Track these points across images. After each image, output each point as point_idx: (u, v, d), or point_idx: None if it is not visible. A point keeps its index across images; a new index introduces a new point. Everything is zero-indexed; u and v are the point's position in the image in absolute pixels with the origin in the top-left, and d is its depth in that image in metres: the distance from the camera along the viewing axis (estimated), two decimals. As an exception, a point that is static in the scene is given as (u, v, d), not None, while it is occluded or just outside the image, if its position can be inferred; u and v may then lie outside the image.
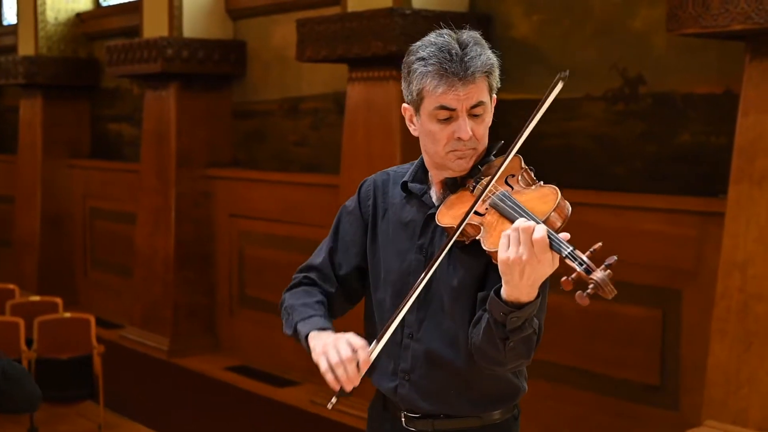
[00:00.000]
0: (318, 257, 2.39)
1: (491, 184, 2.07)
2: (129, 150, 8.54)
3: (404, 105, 2.22)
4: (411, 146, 5.31)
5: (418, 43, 2.17)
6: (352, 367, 2.03)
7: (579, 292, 1.78)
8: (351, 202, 2.39)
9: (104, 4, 8.99)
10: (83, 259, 8.98)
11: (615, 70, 4.84)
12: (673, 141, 4.64)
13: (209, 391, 6.38)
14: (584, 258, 1.83)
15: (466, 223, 2.06)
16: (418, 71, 2.13)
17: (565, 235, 1.88)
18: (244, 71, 7.21)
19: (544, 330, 2.13)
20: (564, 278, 1.82)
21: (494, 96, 2.18)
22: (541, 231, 1.87)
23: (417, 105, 2.17)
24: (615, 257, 1.79)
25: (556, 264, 1.90)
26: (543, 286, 1.99)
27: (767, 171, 3.76)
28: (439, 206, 2.20)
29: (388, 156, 5.35)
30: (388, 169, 2.41)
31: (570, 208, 2.00)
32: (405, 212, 2.27)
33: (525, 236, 1.87)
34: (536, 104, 2.14)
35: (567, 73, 2.09)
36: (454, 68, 2.08)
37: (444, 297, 2.17)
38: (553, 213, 1.97)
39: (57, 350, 5.33)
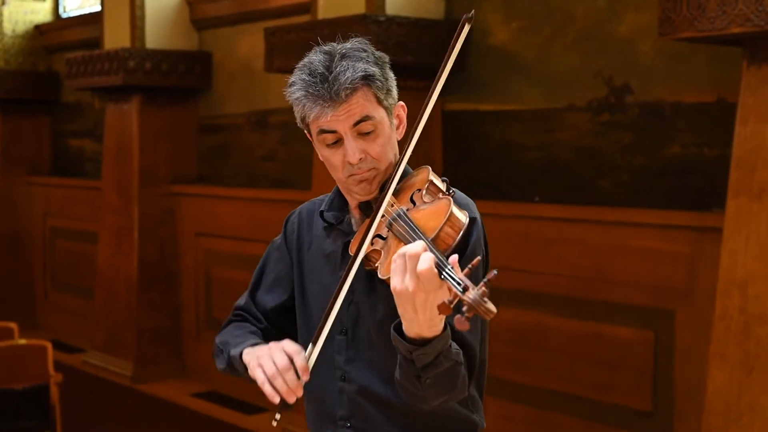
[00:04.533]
0: (242, 298, 2.26)
1: (385, 202, 1.89)
2: (91, 166, 8.26)
3: (305, 132, 2.08)
4: (385, 160, 5.12)
5: (299, 63, 2.02)
6: (290, 376, 1.88)
7: (458, 315, 1.57)
8: (279, 237, 2.24)
9: (64, 15, 8.73)
10: (43, 281, 8.69)
11: (600, 79, 4.62)
12: (661, 153, 4.42)
13: (175, 419, 6.14)
14: (461, 277, 1.62)
15: (373, 249, 1.90)
16: (293, 98, 2.00)
17: (454, 258, 1.68)
18: (209, 83, 6.97)
19: (485, 358, 2.00)
20: (441, 302, 1.61)
21: (396, 103, 2.02)
22: (426, 261, 1.66)
23: (308, 131, 2.04)
24: (495, 272, 1.59)
25: (446, 293, 1.69)
26: None
27: (767, 183, 3.54)
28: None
29: (362, 171, 5.09)
30: (318, 197, 2.23)
31: (466, 219, 1.83)
32: (326, 243, 2.12)
33: (410, 265, 1.68)
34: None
35: (473, 14, 1.90)
36: (319, 91, 1.93)
37: (371, 332, 2.00)
38: (444, 228, 1.79)
39: (10, 380, 5.03)
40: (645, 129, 4.48)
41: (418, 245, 1.70)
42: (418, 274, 1.66)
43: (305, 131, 2.08)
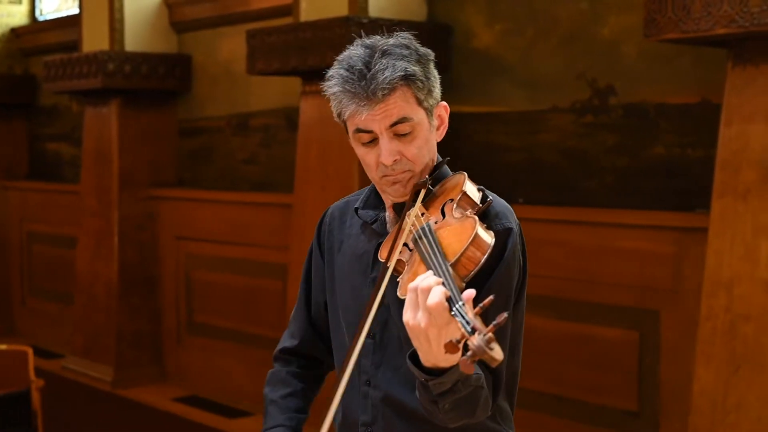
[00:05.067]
0: (285, 335, 2.26)
1: (414, 212, 1.83)
2: (68, 170, 8.18)
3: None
4: (369, 162, 5.11)
5: (339, 56, 1.94)
6: None
7: (463, 358, 1.50)
8: (313, 241, 2.17)
9: (41, 18, 8.65)
10: (21, 286, 8.59)
11: (583, 81, 4.63)
12: (645, 154, 4.44)
13: (156, 424, 6.07)
14: (470, 317, 1.53)
15: (399, 259, 1.82)
16: (330, 93, 1.91)
17: (469, 294, 1.57)
18: (189, 86, 6.92)
19: (517, 367, 2.00)
20: (448, 341, 1.54)
21: (438, 103, 1.93)
22: (436, 295, 1.58)
23: (344, 128, 1.96)
24: (505, 315, 1.50)
25: (460, 328, 1.59)
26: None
27: (753, 184, 3.56)
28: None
29: (345, 174, 5.09)
30: (352, 194, 2.16)
31: (491, 241, 1.73)
32: (360, 243, 2.04)
33: (421, 298, 1.61)
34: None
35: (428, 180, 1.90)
36: (356, 88, 1.85)
37: (401, 337, 1.91)
38: (467, 252, 1.70)
39: (-9, 386, 4.98)
40: (629, 130, 4.49)
41: (431, 278, 1.62)
42: (429, 309, 1.59)
43: (343, 126, 2.01)
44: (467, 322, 1.53)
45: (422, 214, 1.85)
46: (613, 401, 4.41)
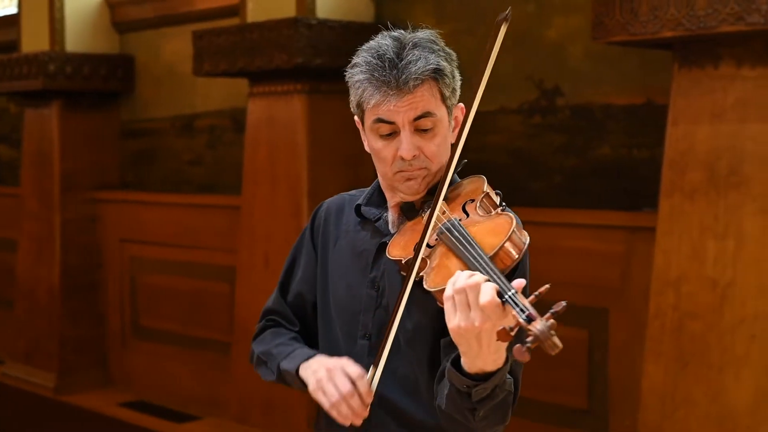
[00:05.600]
0: (272, 300, 2.14)
1: (437, 209, 1.81)
2: (7, 173, 8.02)
3: (355, 118, 1.99)
4: (320, 165, 5.10)
5: (364, 46, 1.94)
6: (355, 402, 1.82)
7: (518, 345, 1.51)
8: (305, 230, 2.13)
9: (-23, 18, 8.46)
10: (-42, 292, 8.40)
11: (531, 82, 4.68)
12: (592, 154, 4.50)
13: (102, 430, 6.01)
14: (526, 304, 1.54)
15: (409, 259, 1.82)
16: (353, 80, 1.90)
17: (519, 282, 1.59)
18: (132, 87, 6.84)
19: (519, 378, 1.90)
20: (501, 328, 1.54)
21: (458, 105, 1.94)
22: (487, 292, 1.58)
23: (361, 118, 1.94)
24: (564, 303, 1.52)
25: (512, 319, 1.60)
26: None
27: (699, 184, 3.63)
28: (393, 234, 1.93)
29: (294, 176, 5.07)
30: (347, 192, 2.14)
31: (527, 239, 1.75)
32: (358, 240, 2.01)
33: (473, 297, 1.58)
34: None
35: (509, 12, 1.87)
36: (385, 76, 1.84)
37: (399, 339, 1.90)
38: (505, 246, 1.71)
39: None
40: (576, 131, 4.55)
41: (476, 276, 1.60)
42: (482, 307, 1.57)
43: (356, 117, 1.98)
44: (522, 310, 1.54)
45: (443, 212, 1.84)
46: (562, 399, 4.45)
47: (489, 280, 1.61)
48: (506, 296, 1.57)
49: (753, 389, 3.50)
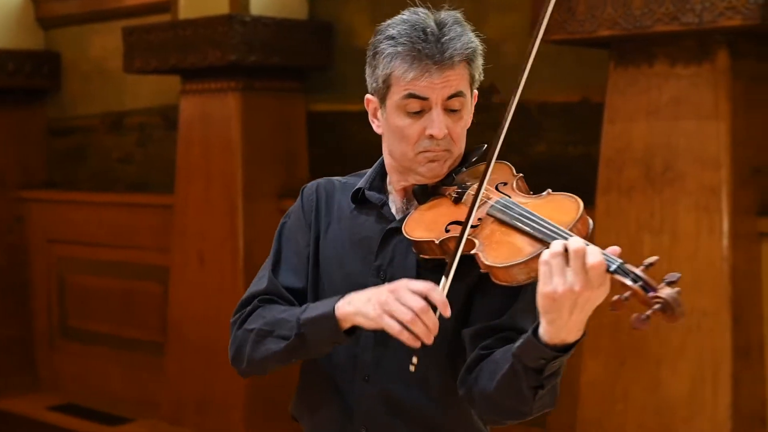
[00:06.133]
0: (261, 281, 1.98)
1: (483, 187, 1.79)
2: (-73, 172, 7.80)
3: (368, 96, 1.95)
4: (255, 163, 5.06)
5: (387, 21, 1.89)
6: (431, 317, 1.68)
7: (636, 315, 1.51)
8: (295, 209, 2.03)
9: None
10: None
11: (466, 80, 4.69)
12: (529, 151, 4.53)
13: (31, 435, 5.87)
14: (639, 272, 1.54)
15: (450, 237, 1.76)
16: (386, 52, 1.85)
17: (614, 249, 1.58)
18: (59, 85, 6.69)
19: None
20: (616, 297, 1.53)
21: (475, 92, 1.93)
22: (596, 254, 1.55)
23: (383, 94, 1.89)
24: (678, 274, 1.53)
25: (608, 289, 1.59)
26: None
27: (636, 181, 3.69)
28: (403, 219, 1.87)
29: (229, 173, 5.03)
30: (333, 177, 2.07)
31: (592, 222, 1.75)
32: (356, 227, 1.93)
33: (577, 262, 1.54)
34: None
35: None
36: (429, 49, 1.80)
37: None
38: (577, 225, 1.70)
39: None
40: (512, 128, 4.54)
41: (578, 240, 1.57)
42: (589, 268, 1.53)
43: (368, 96, 1.92)
44: (637, 278, 1.52)
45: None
46: (501, 395, 4.48)
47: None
48: (614, 266, 1.55)
49: (689, 381, 3.57)
